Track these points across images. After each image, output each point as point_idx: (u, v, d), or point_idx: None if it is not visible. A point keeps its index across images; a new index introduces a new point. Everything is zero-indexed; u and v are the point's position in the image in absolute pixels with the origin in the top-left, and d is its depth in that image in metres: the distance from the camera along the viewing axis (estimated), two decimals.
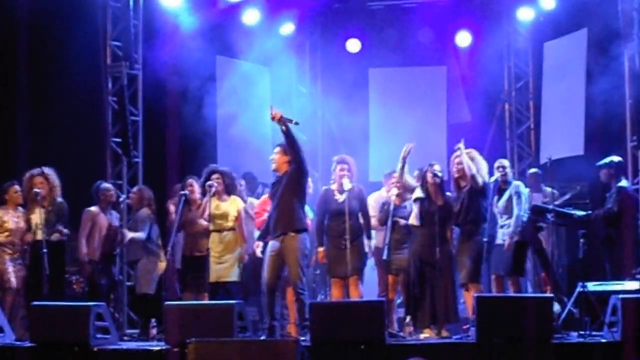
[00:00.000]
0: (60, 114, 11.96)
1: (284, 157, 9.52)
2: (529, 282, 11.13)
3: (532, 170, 11.64)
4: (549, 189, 11.22)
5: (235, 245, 10.19)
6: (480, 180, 9.72)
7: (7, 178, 10.45)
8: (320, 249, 9.99)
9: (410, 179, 10.03)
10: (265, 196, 10.42)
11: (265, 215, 9.99)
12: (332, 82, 13.93)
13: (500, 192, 9.91)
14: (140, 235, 10.59)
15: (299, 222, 9.38)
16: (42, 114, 11.93)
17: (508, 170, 10.02)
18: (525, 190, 10.04)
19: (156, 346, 9.06)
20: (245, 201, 10.67)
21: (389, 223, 9.87)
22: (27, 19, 11.81)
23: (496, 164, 10.05)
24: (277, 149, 9.60)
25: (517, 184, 10.03)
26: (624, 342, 8.31)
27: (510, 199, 9.91)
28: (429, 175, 9.87)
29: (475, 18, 13.82)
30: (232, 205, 10.26)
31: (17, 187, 10.33)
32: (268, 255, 9.44)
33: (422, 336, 9.54)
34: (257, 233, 10.35)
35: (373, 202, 10.58)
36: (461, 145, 9.79)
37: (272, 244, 9.43)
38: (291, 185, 9.40)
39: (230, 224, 10.19)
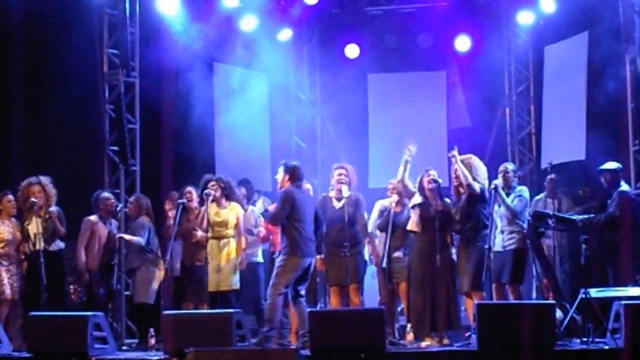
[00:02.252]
0: (57, 123, 11.92)
1: (285, 176, 9.52)
2: (534, 288, 11.05)
3: (551, 175, 11.46)
4: (563, 197, 11.15)
5: (235, 253, 10.12)
6: (477, 188, 9.64)
7: (3, 187, 10.40)
8: (319, 257, 9.91)
9: (411, 184, 9.95)
10: (272, 206, 10.34)
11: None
12: (331, 88, 13.88)
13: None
14: (139, 239, 10.54)
15: (283, 247, 9.44)
16: (39, 122, 11.89)
17: (510, 174, 9.90)
18: (527, 196, 9.94)
19: (154, 356, 9.04)
20: (245, 209, 10.60)
21: (389, 230, 9.81)
22: (23, 27, 11.78)
23: (500, 168, 9.97)
24: (280, 169, 9.64)
25: (521, 188, 9.93)
26: (627, 349, 8.23)
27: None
28: (426, 181, 9.81)
29: (474, 22, 13.75)
30: (231, 213, 10.21)
31: (10, 197, 10.28)
32: None
33: (423, 344, 9.47)
34: (250, 238, 10.37)
35: (377, 209, 10.53)
36: (455, 152, 9.71)
37: None
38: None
39: (229, 231, 10.14)
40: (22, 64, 11.81)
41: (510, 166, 10.10)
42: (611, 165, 10.18)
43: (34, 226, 10.15)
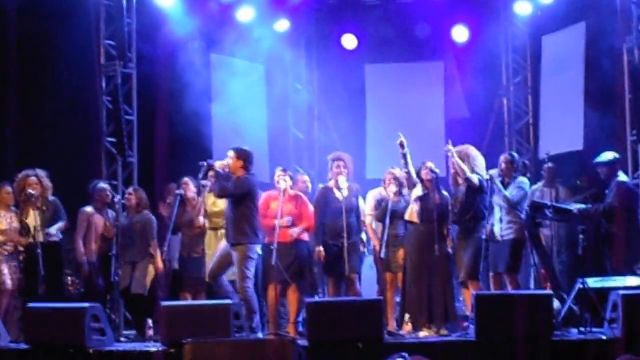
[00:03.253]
0: (53, 114, 11.86)
1: (238, 161, 9.52)
2: (532, 278, 11.06)
3: (548, 164, 11.42)
4: (561, 186, 11.14)
5: None
6: (475, 180, 9.63)
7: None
8: (319, 248, 9.90)
9: (414, 172, 9.91)
10: (264, 195, 10.30)
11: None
12: (328, 78, 13.87)
13: (504, 186, 9.75)
14: (154, 242, 10.56)
15: (242, 237, 9.45)
16: (35, 114, 11.84)
17: (509, 164, 9.84)
18: (527, 187, 9.91)
19: (152, 347, 9.02)
20: None
21: (387, 220, 9.80)
22: (19, 18, 11.72)
23: (501, 158, 9.92)
24: (231, 153, 9.61)
25: (522, 179, 9.89)
26: (624, 339, 8.24)
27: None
28: (424, 173, 9.80)
29: (472, 12, 13.73)
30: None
31: (8, 188, 10.25)
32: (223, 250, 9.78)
33: (421, 334, 9.48)
34: None
35: (372, 199, 10.52)
36: (450, 147, 9.68)
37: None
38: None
39: None
40: (18, 55, 11.75)
41: (510, 156, 10.05)
42: (606, 156, 10.17)
43: (32, 218, 10.12)
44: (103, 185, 10.99)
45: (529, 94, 13.99)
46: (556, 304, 9.34)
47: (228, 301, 9.06)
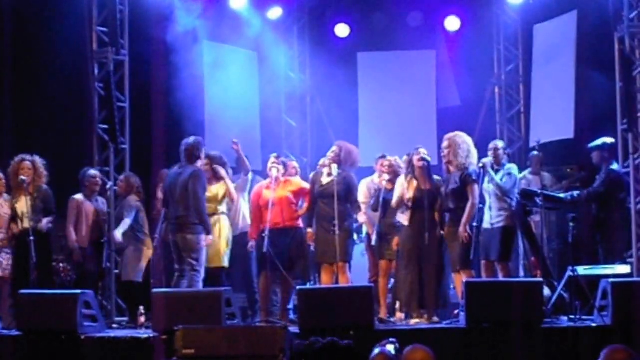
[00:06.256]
0: (46, 101, 11.88)
1: None
2: (521, 266, 11.09)
3: (535, 152, 11.47)
4: (546, 174, 11.17)
5: (226, 230, 10.11)
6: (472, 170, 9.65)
7: None
8: (309, 230, 9.94)
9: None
10: (257, 186, 10.33)
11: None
12: (321, 66, 13.85)
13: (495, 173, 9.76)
14: (126, 221, 10.54)
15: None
16: (28, 101, 11.84)
17: (500, 152, 9.87)
18: (516, 173, 9.93)
19: (144, 334, 9.01)
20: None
21: (380, 209, 9.83)
22: (12, 6, 11.69)
23: (490, 145, 9.95)
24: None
25: (510, 166, 9.91)
26: (615, 326, 8.29)
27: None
28: (416, 159, 9.79)
29: (464, 1, 13.74)
30: (221, 189, 10.19)
31: (0, 175, 10.24)
32: None
33: (412, 322, 9.50)
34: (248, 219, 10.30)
35: (364, 188, 10.53)
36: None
37: None
38: None
39: (221, 207, 10.12)
40: (11, 42, 11.74)
41: (500, 143, 10.05)
42: (597, 141, 10.24)
43: (23, 204, 10.11)
44: (93, 172, 10.97)
45: (520, 83, 14.02)
46: (547, 291, 9.39)
47: (220, 289, 9.08)
